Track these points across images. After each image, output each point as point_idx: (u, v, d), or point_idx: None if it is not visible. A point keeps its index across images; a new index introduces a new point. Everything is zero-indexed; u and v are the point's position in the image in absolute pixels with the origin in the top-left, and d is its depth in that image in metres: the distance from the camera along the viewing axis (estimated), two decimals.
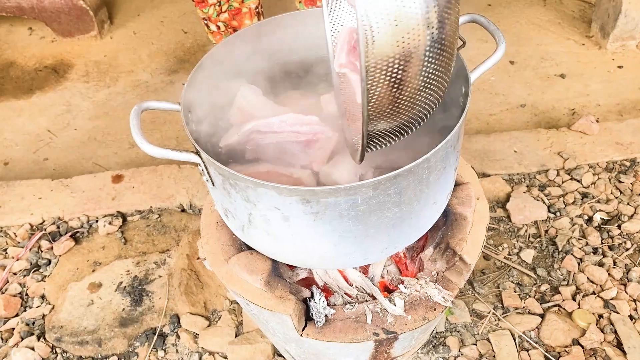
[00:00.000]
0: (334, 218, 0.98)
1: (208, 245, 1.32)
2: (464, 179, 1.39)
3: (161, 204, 2.23)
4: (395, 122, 0.84)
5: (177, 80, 3.11)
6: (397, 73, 0.75)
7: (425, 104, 0.84)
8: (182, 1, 3.80)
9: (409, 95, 0.79)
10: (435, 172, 1.02)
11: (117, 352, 1.78)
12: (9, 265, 2.05)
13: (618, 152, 2.31)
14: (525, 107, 2.73)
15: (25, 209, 2.24)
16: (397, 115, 0.83)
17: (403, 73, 0.75)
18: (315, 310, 1.21)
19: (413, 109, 0.83)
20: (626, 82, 2.83)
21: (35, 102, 3.04)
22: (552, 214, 2.10)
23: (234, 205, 1.06)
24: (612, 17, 2.94)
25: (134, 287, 1.92)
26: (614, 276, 1.88)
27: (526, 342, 1.73)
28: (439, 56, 0.77)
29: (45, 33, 3.58)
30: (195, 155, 1.01)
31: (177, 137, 2.70)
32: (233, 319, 1.82)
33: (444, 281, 1.25)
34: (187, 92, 1.12)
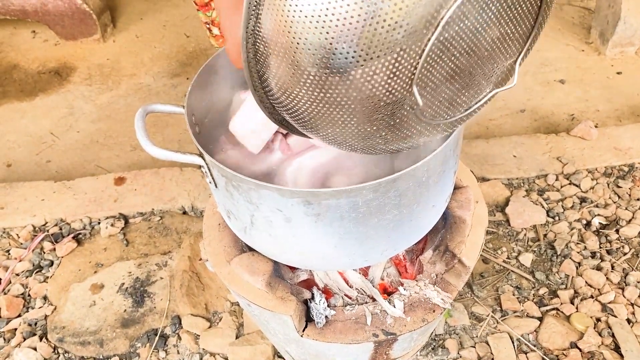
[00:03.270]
0: (335, 220, 0.99)
1: (210, 246, 1.34)
2: (463, 183, 1.40)
3: (163, 206, 2.25)
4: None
5: (179, 83, 3.13)
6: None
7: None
8: (185, 5, 3.83)
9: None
10: (435, 175, 1.04)
11: (118, 353, 1.80)
12: (11, 266, 2.06)
13: (616, 157, 2.33)
14: (524, 112, 2.75)
15: (28, 210, 2.26)
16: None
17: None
18: (315, 311, 1.23)
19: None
20: (625, 88, 2.85)
21: (38, 105, 3.07)
22: (551, 218, 2.12)
23: (237, 207, 1.08)
24: (612, 24, 2.97)
25: (136, 289, 1.93)
26: (612, 280, 1.89)
27: (524, 345, 1.74)
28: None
29: (48, 36, 3.60)
30: (198, 157, 1.03)
31: (179, 140, 2.72)
32: (234, 320, 1.84)
33: (443, 283, 1.26)
34: (190, 95, 1.14)
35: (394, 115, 0.74)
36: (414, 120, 0.77)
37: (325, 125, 0.77)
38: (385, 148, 0.85)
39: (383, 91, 0.68)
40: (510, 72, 0.87)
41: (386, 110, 0.72)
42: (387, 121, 0.75)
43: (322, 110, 0.73)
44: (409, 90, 0.69)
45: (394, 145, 0.84)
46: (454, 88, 0.77)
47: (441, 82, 0.73)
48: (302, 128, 0.83)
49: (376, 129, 0.77)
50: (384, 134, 0.79)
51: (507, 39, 0.77)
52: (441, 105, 0.79)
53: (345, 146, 0.85)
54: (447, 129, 0.89)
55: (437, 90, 0.75)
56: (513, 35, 0.78)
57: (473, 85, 0.80)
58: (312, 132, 0.83)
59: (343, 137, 0.80)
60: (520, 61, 0.85)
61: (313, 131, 0.82)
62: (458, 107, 0.83)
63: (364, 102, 0.70)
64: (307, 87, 0.70)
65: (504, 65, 0.83)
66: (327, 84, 0.68)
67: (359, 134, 0.78)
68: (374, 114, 0.72)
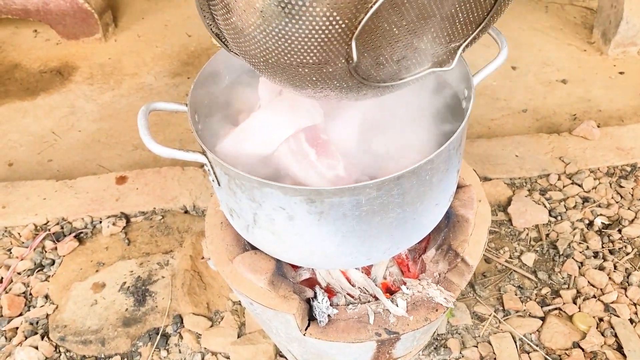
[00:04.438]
0: (337, 218, 0.99)
1: (212, 245, 1.34)
2: (466, 182, 1.40)
3: (165, 206, 2.25)
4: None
5: (181, 83, 3.13)
6: None
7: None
8: (186, 5, 3.83)
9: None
10: (438, 174, 1.04)
11: (120, 352, 1.79)
12: (13, 265, 2.06)
13: (619, 157, 2.32)
14: (526, 112, 2.75)
15: (30, 209, 2.26)
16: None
17: None
18: (318, 310, 1.22)
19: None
20: (627, 88, 2.85)
21: (40, 104, 3.07)
22: (553, 218, 2.11)
23: (239, 205, 1.07)
24: (614, 24, 2.96)
25: (137, 288, 1.93)
26: (615, 280, 1.89)
27: (527, 344, 1.74)
28: None
29: (50, 35, 3.60)
30: (201, 155, 1.03)
31: (180, 139, 2.72)
32: (235, 319, 1.83)
33: (446, 282, 1.26)
34: (193, 93, 1.14)
35: (328, 62, 0.76)
36: (346, 72, 0.79)
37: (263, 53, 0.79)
38: (313, 91, 0.87)
39: (323, 36, 0.71)
40: (452, 55, 0.90)
41: (321, 56, 0.75)
42: (319, 67, 0.77)
43: (261, 38, 0.75)
44: (348, 43, 0.72)
45: (322, 91, 0.86)
46: (392, 54, 0.80)
47: (381, 44, 0.77)
48: (239, 52, 0.86)
49: (308, 72, 0.79)
50: (314, 79, 0.81)
51: (458, 20, 0.80)
52: (375, 67, 0.81)
53: (277, 78, 0.86)
54: (376, 92, 0.91)
55: (375, 51, 0.77)
56: (464, 19, 0.81)
57: (412, 57, 0.84)
58: (248, 58, 0.85)
59: (276, 68, 0.82)
60: (464, 47, 0.88)
61: (249, 57, 0.84)
62: (392, 75, 0.86)
63: (304, 42, 0.72)
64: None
65: (447, 46, 0.86)
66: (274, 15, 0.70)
67: (292, 72, 0.80)
68: (309, 55, 0.75)
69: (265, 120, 1.11)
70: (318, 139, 1.10)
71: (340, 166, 1.07)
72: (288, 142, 1.09)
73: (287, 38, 0.72)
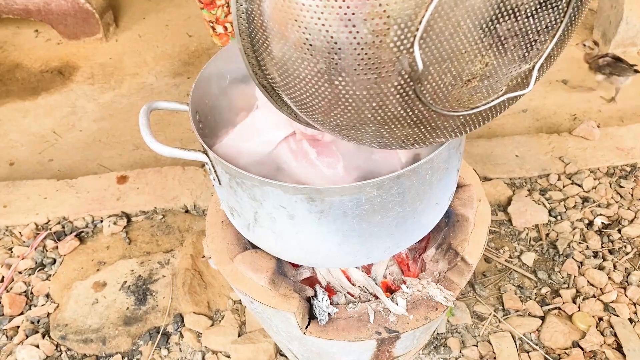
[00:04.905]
0: (338, 217, 1.00)
1: (213, 244, 1.34)
2: (466, 181, 1.41)
3: (165, 205, 2.25)
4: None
5: (182, 83, 3.13)
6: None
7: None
8: (187, 5, 3.84)
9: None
10: (438, 173, 1.04)
11: (121, 351, 1.80)
12: (14, 264, 2.07)
13: (619, 157, 2.33)
14: (527, 112, 2.75)
15: (31, 208, 2.27)
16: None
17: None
18: (318, 308, 1.23)
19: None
20: (627, 89, 2.85)
21: (41, 104, 3.07)
22: (553, 218, 2.12)
23: (240, 204, 1.08)
24: (614, 24, 2.97)
25: (138, 287, 1.93)
26: (614, 280, 1.89)
27: (527, 344, 1.74)
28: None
29: (51, 35, 3.61)
30: (202, 154, 1.03)
31: (181, 139, 2.72)
32: (236, 318, 1.84)
33: (446, 281, 1.26)
34: (194, 92, 1.14)
35: (386, 80, 0.68)
36: (412, 98, 0.71)
37: (322, 106, 0.74)
38: (379, 139, 0.80)
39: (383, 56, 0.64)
40: (528, 76, 0.79)
41: (383, 79, 0.67)
42: (383, 96, 0.69)
43: (319, 89, 0.71)
44: (409, 51, 0.64)
45: (388, 135, 0.78)
46: (460, 70, 0.70)
47: (447, 56, 0.68)
48: (297, 108, 0.81)
49: (373, 111, 0.72)
50: (379, 117, 0.73)
51: (531, 30, 0.71)
52: (443, 87, 0.72)
53: (339, 132, 0.81)
54: (446, 129, 0.81)
55: (440, 65, 0.68)
56: (537, 34, 0.72)
57: (483, 77, 0.74)
58: (307, 113, 0.80)
59: (338, 119, 0.76)
60: (540, 65, 0.77)
61: (308, 113, 0.80)
62: (462, 99, 0.76)
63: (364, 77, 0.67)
64: (305, 65, 0.68)
65: (521, 66, 0.76)
66: (330, 64, 0.66)
67: (354, 117, 0.73)
68: (373, 86, 0.68)
69: (263, 119, 1.12)
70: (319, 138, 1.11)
71: (340, 165, 1.07)
72: (288, 142, 1.09)
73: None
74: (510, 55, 0.73)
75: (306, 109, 0.79)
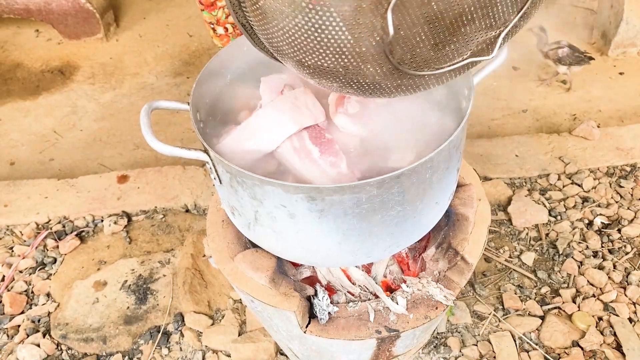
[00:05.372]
0: (338, 216, 1.00)
1: (214, 243, 1.34)
2: (466, 181, 1.41)
3: (166, 204, 2.26)
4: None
5: (182, 82, 3.14)
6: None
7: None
8: (188, 5, 3.84)
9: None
10: (438, 172, 1.04)
11: (121, 350, 1.80)
12: (15, 263, 2.07)
13: (619, 157, 2.33)
14: (527, 112, 2.75)
15: (32, 208, 2.27)
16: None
17: None
18: (318, 307, 1.23)
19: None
20: (627, 89, 2.85)
21: (42, 103, 3.08)
22: (553, 218, 2.12)
23: (241, 203, 1.08)
24: (614, 24, 2.97)
25: (139, 286, 1.94)
26: (614, 279, 1.89)
27: (526, 343, 1.74)
28: None
29: (51, 35, 3.61)
30: (203, 153, 1.03)
31: (181, 139, 2.72)
32: (236, 317, 1.84)
33: (446, 281, 1.27)
34: (195, 91, 1.14)
35: (361, 39, 0.73)
36: (380, 53, 0.75)
37: (297, 55, 0.78)
38: (342, 83, 0.84)
39: (355, 5, 0.68)
40: (492, 44, 0.84)
41: (353, 32, 0.72)
42: (352, 45, 0.74)
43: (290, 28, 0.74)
44: (382, 15, 0.69)
45: (354, 81, 0.82)
46: (429, 35, 0.75)
47: (418, 21, 0.73)
48: (273, 50, 0.84)
49: (339, 56, 0.76)
50: (347, 63, 0.77)
51: (500, 2, 0.76)
52: (410, 49, 0.77)
53: (306, 70, 0.84)
54: (410, 86, 0.86)
55: (411, 30, 0.73)
56: (505, 6, 0.77)
57: (449, 42, 0.78)
58: (282, 57, 0.84)
59: (310, 67, 0.80)
60: (505, 34, 0.83)
61: (283, 58, 0.84)
62: (428, 61, 0.81)
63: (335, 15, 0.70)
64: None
65: (487, 33, 0.81)
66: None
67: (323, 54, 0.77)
68: (342, 31, 0.72)
69: (267, 118, 1.12)
70: (322, 137, 1.11)
71: (344, 164, 1.07)
72: (291, 140, 1.09)
73: (318, 11, 0.70)
74: (477, 24, 0.78)
75: (281, 55, 0.84)
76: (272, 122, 1.10)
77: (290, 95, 1.13)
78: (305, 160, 1.07)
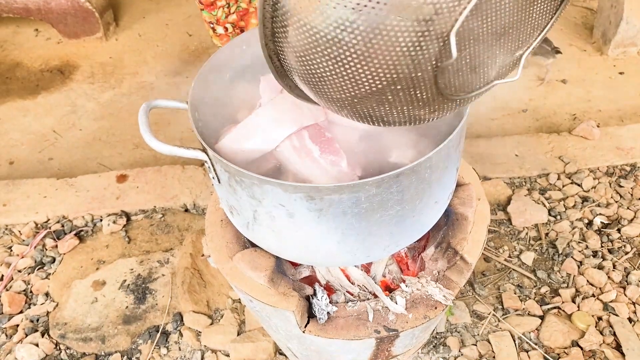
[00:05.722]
0: (337, 215, 0.99)
1: (213, 242, 1.34)
2: (466, 180, 1.41)
3: (165, 204, 2.25)
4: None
5: (182, 82, 3.14)
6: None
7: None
8: (187, 4, 3.84)
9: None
10: (438, 172, 1.04)
11: (120, 349, 1.80)
12: (13, 263, 2.07)
13: (618, 157, 2.33)
14: (526, 112, 2.75)
15: (31, 207, 2.27)
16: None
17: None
18: (317, 307, 1.23)
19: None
20: (627, 88, 2.85)
21: (41, 103, 3.07)
22: (553, 217, 2.12)
23: (240, 202, 1.08)
24: (614, 24, 2.97)
25: (138, 285, 1.93)
26: (614, 279, 1.89)
27: (526, 343, 1.74)
28: None
29: (51, 34, 3.61)
30: (202, 152, 1.03)
31: (180, 138, 2.72)
32: (235, 317, 1.84)
33: (445, 280, 1.26)
34: (194, 91, 1.14)
35: (419, 64, 0.70)
36: (431, 82, 0.74)
37: (337, 84, 0.75)
38: (392, 116, 0.82)
39: (413, 39, 0.66)
40: (516, 64, 0.85)
41: (410, 60, 0.69)
42: (406, 75, 0.71)
43: (337, 66, 0.71)
44: (444, 37, 0.67)
45: (403, 113, 0.81)
46: (471, 57, 0.75)
47: (468, 43, 0.72)
48: (311, 89, 0.81)
49: (391, 87, 0.73)
50: (396, 94, 0.75)
51: (530, 23, 0.77)
52: (453, 73, 0.76)
53: (352, 112, 0.82)
54: (445, 109, 0.85)
55: (461, 52, 0.72)
56: (534, 22, 0.77)
57: (485, 64, 0.79)
58: (318, 94, 0.81)
59: (353, 98, 0.77)
60: (527, 54, 0.84)
61: (319, 94, 0.80)
62: (465, 86, 0.80)
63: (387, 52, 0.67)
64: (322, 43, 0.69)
65: (514, 54, 0.82)
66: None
67: (372, 92, 0.74)
68: (395, 66, 0.69)
69: (267, 117, 1.12)
70: (322, 136, 1.11)
71: (344, 162, 1.07)
72: (291, 139, 1.09)
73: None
74: (508, 46, 0.79)
75: (319, 88, 0.80)
76: (271, 121, 1.10)
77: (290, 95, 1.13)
78: (306, 159, 1.07)
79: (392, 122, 0.85)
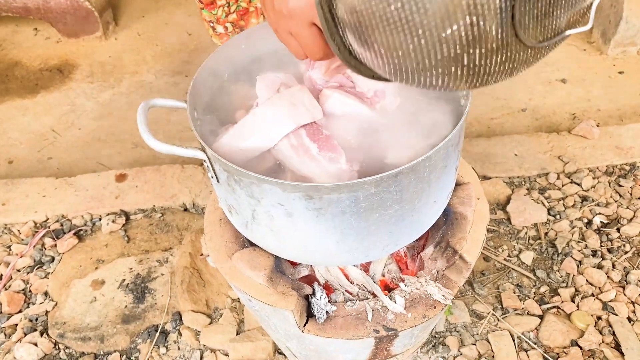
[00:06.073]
0: (336, 214, 0.99)
1: (212, 241, 1.34)
2: (465, 179, 1.40)
3: (164, 203, 2.25)
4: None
5: (181, 81, 3.13)
6: None
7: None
8: (187, 3, 3.83)
9: None
10: (437, 171, 1.04)
11: (119, 349, 1.80)
12: (12, 262, 2.07)
13: (618, 157, 2.33)
14: (526, 112, 2.75)
15: (30, 206, 2.26)
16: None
17: None
18: (316, 306, 1.23)
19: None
20: (627, 88, 2.85)
21: (40, 102, 3.07)
22: (552, 217, 2.12)
23: (238, 202, 1.08)
24: (613, 23, 2.96)
25: (137, 285, 1.93)
26: (613, 279, 1.89)
27: (525, 342, 1.74)
28: None
29: (50, 33, 3.61)
30: (200, 151, 1.03)
31: (180, 137, 2.72)
32: (234, 316, 1.84)
33: (444, 280, 1.26)
34: (192, 89, 1.14)
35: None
36: (508, 23, 0.67)
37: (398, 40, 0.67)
38: (461, 77, 0.73)
39: None
40: (586, 12, 0.79)
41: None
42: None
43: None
44: None
45: (476, 74, 0.72)
46: (545, 4, 0.68)
47: None
48: (366, 49, 0.72)
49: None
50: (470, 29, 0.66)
51: None
52: (532, 16, 0.69)
53: (415, 73, 0.72)
54: (516, 63, 0.77)
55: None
56: None
57: (557, 12, 0.73)
58: (377, 55, 0.72)
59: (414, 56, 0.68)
60: (597, 2, 0.77)
61: (378, 54, 0.71)
62: (540, 33, 0.74)
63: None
64: None
65: (585, 3, 0.76)
66: None
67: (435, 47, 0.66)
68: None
69: (264, 116, 1.12)
70: (320, 133, 1.10)
71: (343, 159, 1.07)
72: (288, 138, 1.09)
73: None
74: None
75: (380, 52, 0.71)
76: (269, 120, 1.10)
77: (287, 93, 1.13)
78: (304, 157, 1.07)
79: (454, 81, 0.74)
